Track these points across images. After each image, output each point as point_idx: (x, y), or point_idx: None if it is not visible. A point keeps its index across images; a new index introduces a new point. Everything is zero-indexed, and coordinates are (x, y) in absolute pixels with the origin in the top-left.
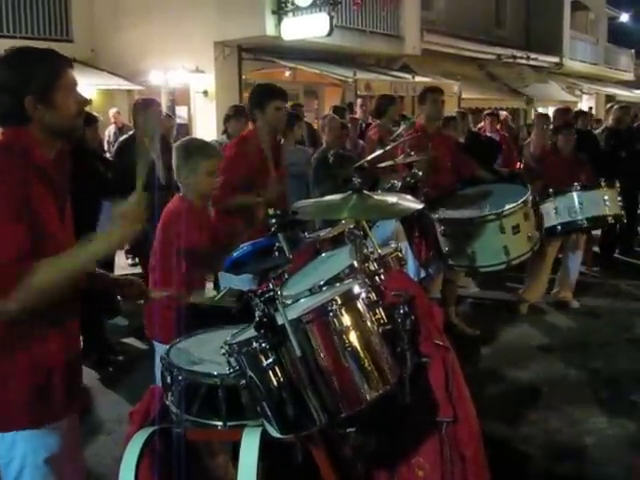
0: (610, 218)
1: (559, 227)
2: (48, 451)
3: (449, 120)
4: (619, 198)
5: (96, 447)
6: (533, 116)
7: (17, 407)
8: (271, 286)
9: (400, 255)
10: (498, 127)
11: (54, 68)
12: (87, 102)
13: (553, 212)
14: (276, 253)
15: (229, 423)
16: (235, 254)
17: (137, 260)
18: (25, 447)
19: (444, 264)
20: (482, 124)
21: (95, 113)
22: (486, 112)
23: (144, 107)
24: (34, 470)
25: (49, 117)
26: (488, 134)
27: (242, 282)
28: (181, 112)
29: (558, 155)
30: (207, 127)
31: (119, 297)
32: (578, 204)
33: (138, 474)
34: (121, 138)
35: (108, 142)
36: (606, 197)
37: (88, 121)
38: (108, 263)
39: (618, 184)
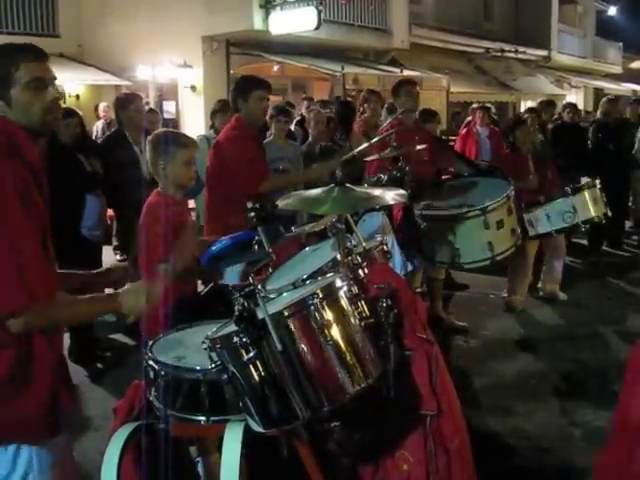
0: (597, 217)
1: (554, 232)
2: (53, 456)
3: (432, 115)
4: (603, 195)
5: (84, 443)
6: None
7: (25, 421)
8: (251, 280)
9: (385, 248)
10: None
11: (7, 62)
12: (59, 98)
13: (545, 218)
14: (255, 247)
15: (212, 418)
16: (214, 248)
17: (125, 256)
18: (31, 452)
19: (428, 261)
20: (470, 117)
21: (75, 108)
22: (477, 106)
23: (126, 102)
24: (39, 475)
25: (10, 114)
26: (478, 128)
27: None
28: (169, 107)
29: (517, 153)
30: (195, 122)
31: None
32: (572, 209)
33: (121, 469)
34: (106, 134)
35: (96, 137)
36: (594, 197)
37: (63, 115)
38: (96, 261)
39: (598, 182)
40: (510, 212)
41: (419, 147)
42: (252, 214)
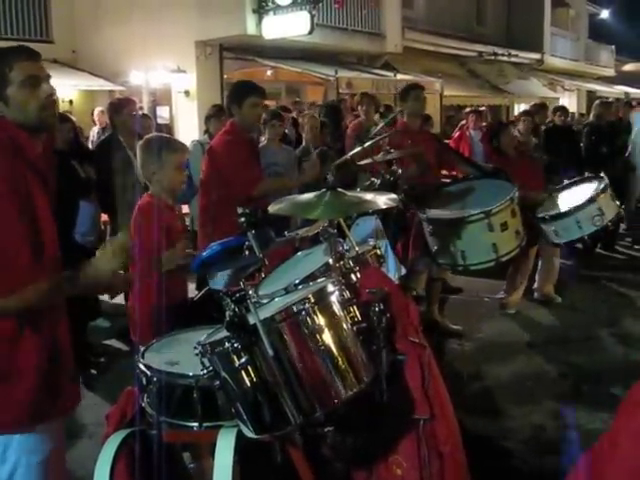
0: (619, 213)
1: (586, 237)
2: (41, 453)
3: (425, 118)
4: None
5: (77, 450)
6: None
7: (12, 410)
8: (242, 285)
9: (379, 253)
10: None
11: (2, 63)
12: (53, 94)
13: (576, 226)
14: (246, 252)
15: (205, 424)
16: (204, 254)
17: None
18: (19, 449)
19: (433, 262)
20: (464, 121)
21: (68, 113)
22: (470, 109)
23: (120, 107)
24: (27, 471)
25: (8, 113)
26: (471, 131)
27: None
28: (163, 112)
29: (503, 157)
30: (189, 127)
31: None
32: (599, 211)
33: (113, 476)
34: (98, 138)
35: (92, 142)
36: (611, 194)
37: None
38: None
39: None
40: (514, 214)
41: (413, 150)
42: (242, 219)
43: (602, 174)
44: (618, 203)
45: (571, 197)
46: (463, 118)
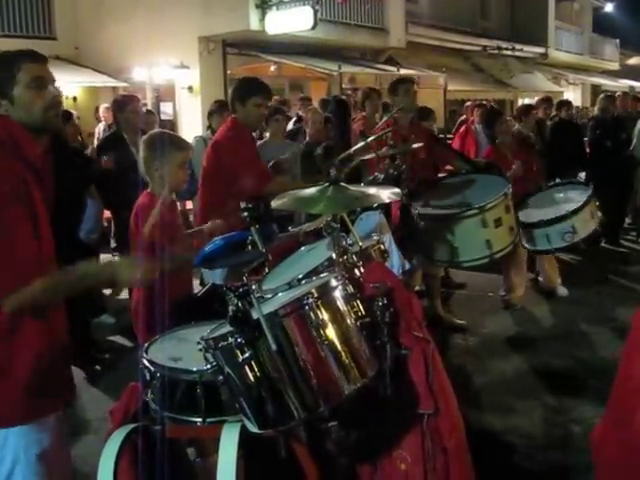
0: (597, 229)
1: (554, 250)
2: (39, 447)
3: (427, 113)
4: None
5: (82, 446)
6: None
7: (9, 404)
8: (245, 280)
9: (383, 247)
10: None
11: (9, 64)
12: (58, 96)
13: (544, 239)
14: (249, 247)
15: (208, 419)
16: (207, 249)
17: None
18: (17, 443)
19: (427, 259)
20: (465, 116)
21: (72, 110)
22: (473, 104)
23: (123, 104)
24: (26, 466)
25: (13, 112)
26: (476, 125)
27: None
28: (166, 108)
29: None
30: (192, 123)
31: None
32: (571, 228)
33: (117, 472)
34: (103, 135)
35: (98, 139)
36: (592, 211)
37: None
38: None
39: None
40: (508, 210)
41: (415, 145)
42: (245, 214)
43: (589, 185)
44: (599, 219)
45: (557, 203)
46: (463, 113)
